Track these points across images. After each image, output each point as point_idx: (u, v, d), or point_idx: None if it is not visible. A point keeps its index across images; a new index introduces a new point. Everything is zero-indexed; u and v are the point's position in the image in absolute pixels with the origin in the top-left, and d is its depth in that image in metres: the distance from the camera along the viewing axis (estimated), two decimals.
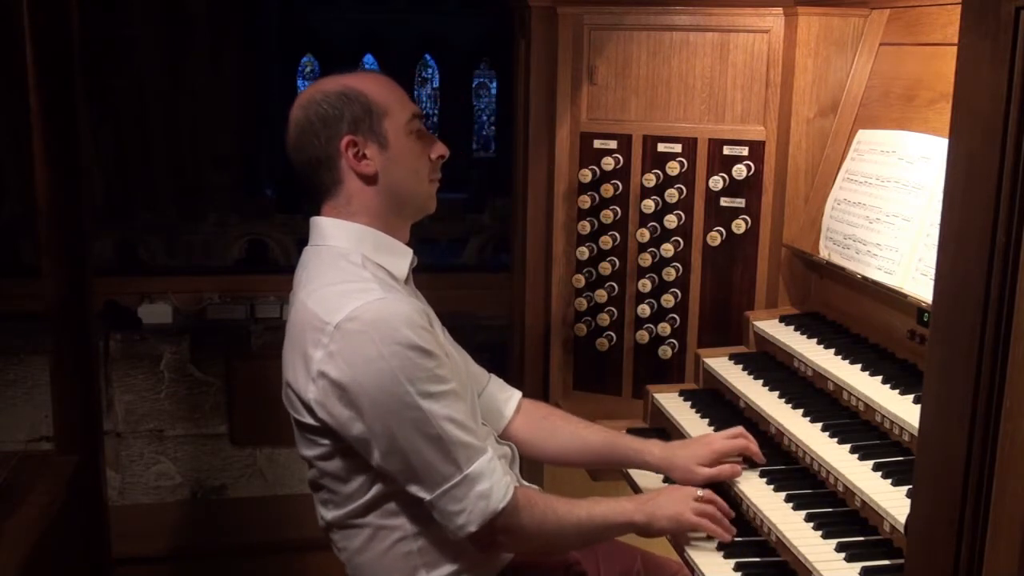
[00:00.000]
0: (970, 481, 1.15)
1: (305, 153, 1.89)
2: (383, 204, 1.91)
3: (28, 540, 2.29)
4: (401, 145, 1.91)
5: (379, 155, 1.88)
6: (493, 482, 1.79)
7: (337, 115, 1.86)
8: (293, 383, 1.83)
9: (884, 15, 2.52)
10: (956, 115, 1.15)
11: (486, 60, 19.36)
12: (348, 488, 1.86)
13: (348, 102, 1.87)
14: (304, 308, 1.81)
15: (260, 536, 3.69)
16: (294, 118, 1.90)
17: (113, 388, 3.82)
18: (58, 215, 2.64)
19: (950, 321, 1.17)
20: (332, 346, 1.73)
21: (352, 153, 1.87)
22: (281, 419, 1.94)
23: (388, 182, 1.90)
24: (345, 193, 1.90)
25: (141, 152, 9.91)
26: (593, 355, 2.89)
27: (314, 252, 1.93)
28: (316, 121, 1.87)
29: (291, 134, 1.91)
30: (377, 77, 1.97)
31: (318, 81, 1.97)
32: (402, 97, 1.95)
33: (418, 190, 1.96)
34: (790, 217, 2.61)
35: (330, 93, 1.88)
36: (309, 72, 20.44)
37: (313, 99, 1.89)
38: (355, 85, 1.90)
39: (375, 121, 1.88)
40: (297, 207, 9.86)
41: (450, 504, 1.77)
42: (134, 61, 9.57)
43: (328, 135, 1.87)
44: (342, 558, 1.95)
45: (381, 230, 1.91)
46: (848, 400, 2.15)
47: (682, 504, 1.96)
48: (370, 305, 1.74)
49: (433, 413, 1.74)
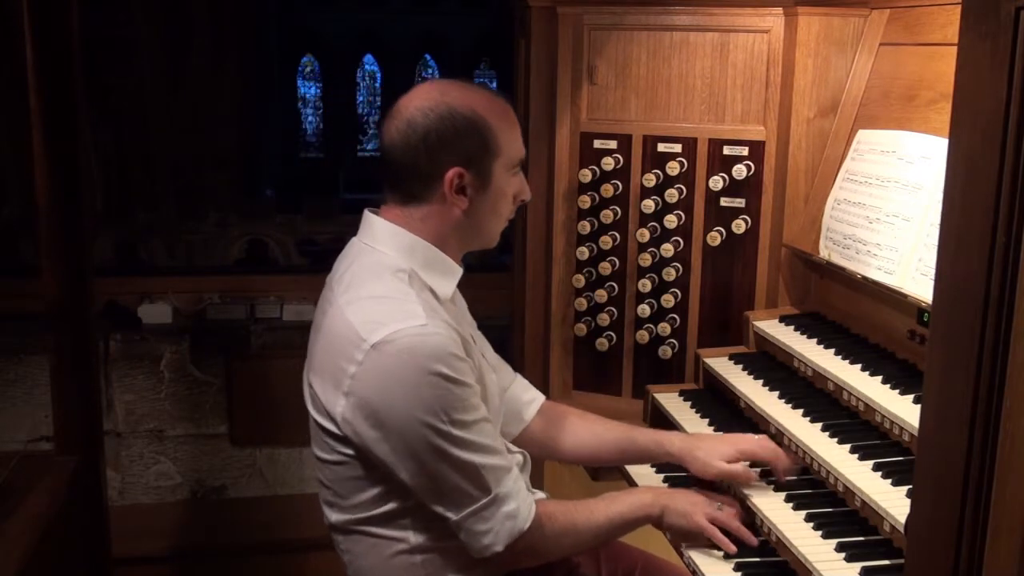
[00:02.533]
0: (970, 481, 1.14)
1: (405, 157, 1.81)
2: (454, 231, 1.87)
3: (28, 540, 2.29)
4: (499, 188, 1.86)
5: (476, 193, 1.83)
6: (519, 502, 1.79)
7: (455, 141, 1.79)
8: (320, 390, 1.80)
9: (884, 15, 2.52)
10: (956, 115, 1.15)
11: (486, 60, 19.38)
12: (358, 498, 1.84)
13: (471, 132, 1.80)
14: (342, 317, 1.77)
15: (260, 536, 3.69)
16: (410, 117, 1.80)
17: (113, 388, 3.82)
18: (58, 215, 2.64)
19: (950, 321, 1.17)
20: (366, 365, 1.70)
21: (454, 185, 1.81)
22: (281, 419, 1.95)
23: (472, 218, 1.85)
24: (424, 210, 1.84)
25: (141, 152, 9.92)
26: (593, 355, 2.89)
27: (363, 252, 1.88)
28: (432, 136, 1.78)
29: (398, 130, 1.81)
30: (506, 110, 1.88)
31: (447, 87, 1.85)
32: (518, 138, 1.89)
33: (494, 230, 1.93)
34: (790, 217, 2.61)
35: (457, 113, 1.79)
36: (309, 72, 20.44)
37: (438, 110, 1.79)
38: (485, 115, 1.81)
39: (487, 160, 1.82)
40: (297, 207, 9.89)
41: (477, 524, 1.77)
42: (134, 61, 9.58)
43: (438, 156, 1.79)
44: (344, 559, 1.94)
45: (438, 247, 1.87)
46: (848, 400, 2.15)
47: (698, 505, 1.96)
48: (410, 330, 1.70)
49: (463, 441, 1.73)
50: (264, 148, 15.43)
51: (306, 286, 4.07)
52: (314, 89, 20.68)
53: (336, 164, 18.78)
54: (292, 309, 3.98)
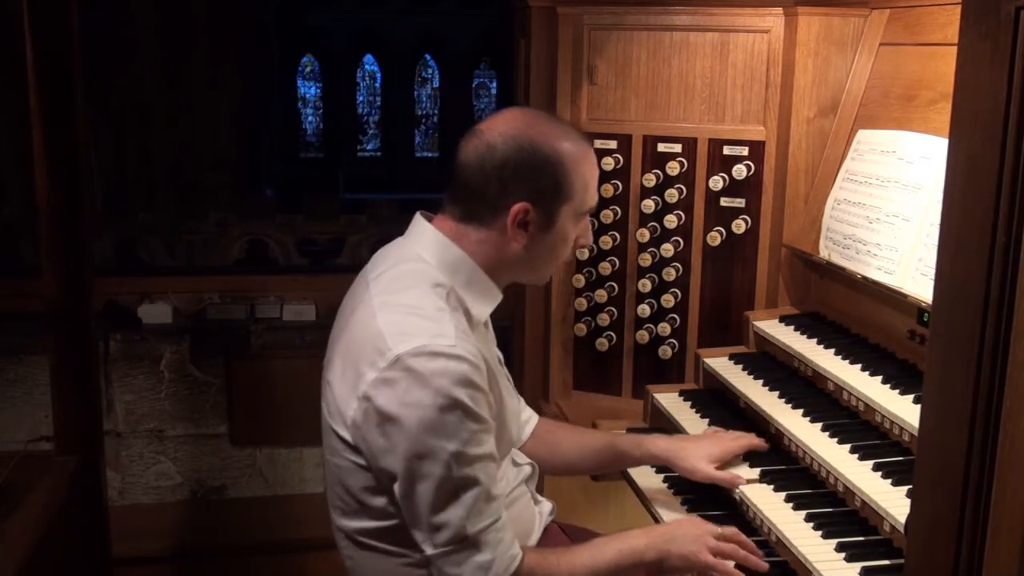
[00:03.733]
0: (970, 481, 1.15)
1: (476, 180, 1.79)
2: (506, 262, 1.84)
3: (28, 540, 2.29)
4: (562, 231, 1.84)
5: (537, 231, 1.81)
6: (496, 555, 1.72)
7: (529, 176, 1.77)
8: (337, 389, 1.78)
9: (884, 15, 2.52)
10: (956, 115, 1.15)
11: (486, 60, 19.37)
12: (365, 507, 1.81)
13: (549, 169, 1.77)
14: (372, 318, 1.74)
15: (260, 536, 3.69)
16: (491, 141, 1.78)
17: (113, 388, 3.82)
18: (58, 215, 2.63)
19: (950, 321, 1.17)
20: (387, 374, 1.67)
21: (518, 220, 1.79)
22: (281, 419, 1.93)
23: (528, 255, 1.83)
24: (482, 234, 1.81)
25: (141, 152, 9.92)
26: (593, 355, 2.89)
27: (406, 257, 1.85)
28: (508, 165, 1.76)
29: (476, 151, 1.79)
30: (588, 155, 1.85)
31: (534, 119, 1.83)
32: (593, 185, 1.86)
33: (547, 271, 1.92)
34: (790, 217, 2.61)
35: (538, 149, 1.77)
36: (309, 72, 20.43)
37: (519, 141, 1.77)
38: (565, 156, 1.79)
39: (557, 201, 1.80)
40: (297, 207, 9.89)
41: (447, 566, 1.71)
42: (134, 61, 9.58)
43: (509, 188, 1.77)
44: (347, 564, 1.92)
45: (485, 270, 1.84)
46: (848, 400, 2.15)
47: (698, 542, 1.87)
48: (437, 349, 1.66)
49: (461, 474, 1.68)
50: (264, 148, 15.42)
51: (306, 286, 4.08)
52: (314, 89, 20.68)
53: (336, 164, 18.78)
54: (292, 309, 3.98)
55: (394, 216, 8.35)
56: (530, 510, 2.08)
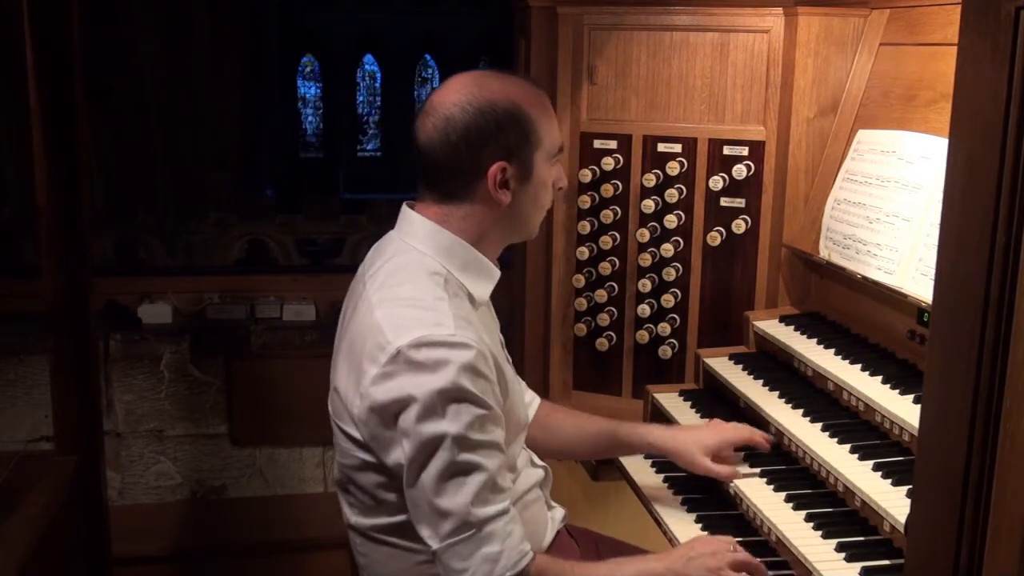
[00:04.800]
0: (970, 481, 1.15)
1: (444, 154, 1.77)
2: (496, 226, 1.84)
3: (28, 540, 2.29)
4: (541, 178, 1.83)
5: (519, 185, 1.80)
6: (505, 547, 1.69)
7: (496, 134, 1.75)
8: (342, 391, 1.78)
9: (884, 15, 2.52)
10: (956, 115, 1.15)
11: (486, 60, 19.36)
12: (377, 504, 1.81)
13: (512, 124, 1.76)
14: (371, 315, 1.74)
15: (260, 536, 3.69)
16: (448, 114, 1.76)
17: (113, 388, 3.81)
18: (58, 215, 2.64)
19: (950, 321, 1.17)
20: (388, 368, 1.67)
21: (498, 180, 1.77)
22: (281, 419, 1.93)
23: (515, 211, 1.83)
24: (466, 209, 1.81)
25: (141, 152, 9.93)
26: (593, 355, 2.89)
27: (401, 249, 1.85)
28: (472, 131, 1.75)
29: (436, 127, 1.77)
30: (543, 99, 1.85)
31: (483, 79, 1.81)
32: (556, 126, 1.86)
33: (536, 221, 1.91)
34: (790, 217, 2.61)
35: (497, 107, 1.76)
36: (309, 72, 20.44)
37: (476, 104, 1.76)
38: (524, 106, 1.78)
39: (528, 150, 1.79)
40: (297, 207, 9.90)
41: (453, 560, 1.69)
42: (134, 61, 9.58)
43: (479, 152, 1.76)
44: (360, 562, 1.92)
45: (478, 246, 1.84)
46: (848, 400, 2.15)
47: (718, 558, 1.82)
48: (437, 339, 1.66)
49: (464, 459, 1.67)
50: (264, 148, 15.43)
51: (306, 286, 4.08)
52: (314, 89, 20.69)
53: (336, 164, 18.80)
54: (292, 309, 3.98)
55: (394, 216, 8.35)
56: (544, 515, 2.06)
